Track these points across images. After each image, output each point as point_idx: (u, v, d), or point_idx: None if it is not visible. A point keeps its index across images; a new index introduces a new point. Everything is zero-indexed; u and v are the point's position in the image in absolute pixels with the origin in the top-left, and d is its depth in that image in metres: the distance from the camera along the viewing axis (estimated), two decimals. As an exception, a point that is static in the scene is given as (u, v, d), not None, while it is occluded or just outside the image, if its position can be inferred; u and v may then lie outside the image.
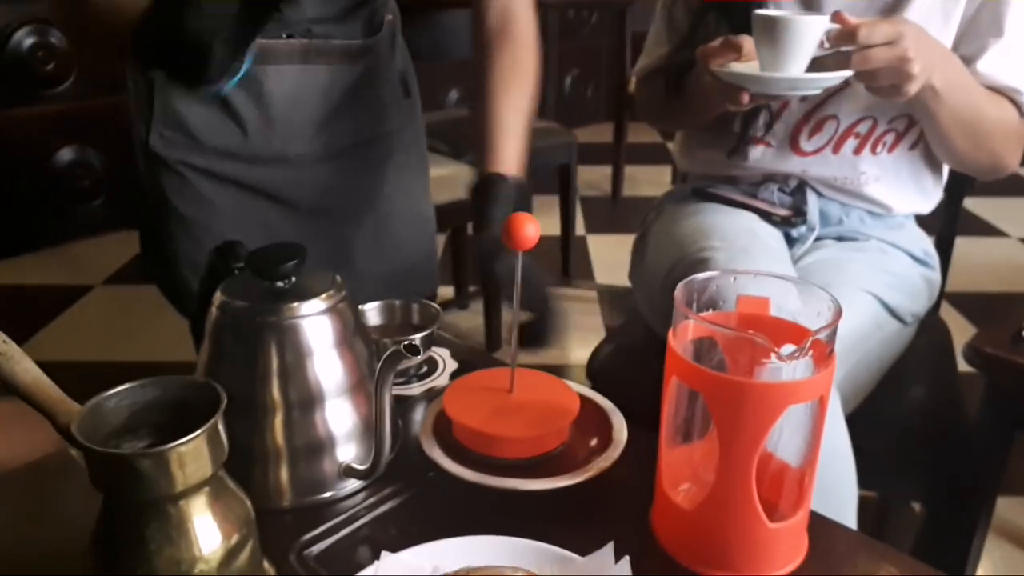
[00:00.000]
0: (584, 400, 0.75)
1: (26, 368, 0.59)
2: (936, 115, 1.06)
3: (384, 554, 0.59)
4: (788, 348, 0.55)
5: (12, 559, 0.66)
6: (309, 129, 1.10)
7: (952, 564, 1.13)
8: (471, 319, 2.49)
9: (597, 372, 1.33)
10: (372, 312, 0.88)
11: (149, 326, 2.31)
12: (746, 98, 1.02)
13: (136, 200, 1.16)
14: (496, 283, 0.85)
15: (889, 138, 1.16)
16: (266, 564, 0.61)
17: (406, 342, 0.60)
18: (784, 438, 0.63)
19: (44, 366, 0.60)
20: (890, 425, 1.20)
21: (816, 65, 0.98)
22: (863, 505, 0.98)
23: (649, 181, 3.56)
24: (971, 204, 1.46)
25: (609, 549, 0.56)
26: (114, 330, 2.44)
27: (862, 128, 1.15)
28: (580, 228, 3.12)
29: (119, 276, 2.80)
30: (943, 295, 1.38)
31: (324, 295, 0.68)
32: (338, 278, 0.70)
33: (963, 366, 1.31)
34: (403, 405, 0.83)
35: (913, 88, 0.96)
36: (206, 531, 0.53)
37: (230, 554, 0.54)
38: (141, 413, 0.55)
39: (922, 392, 1.25)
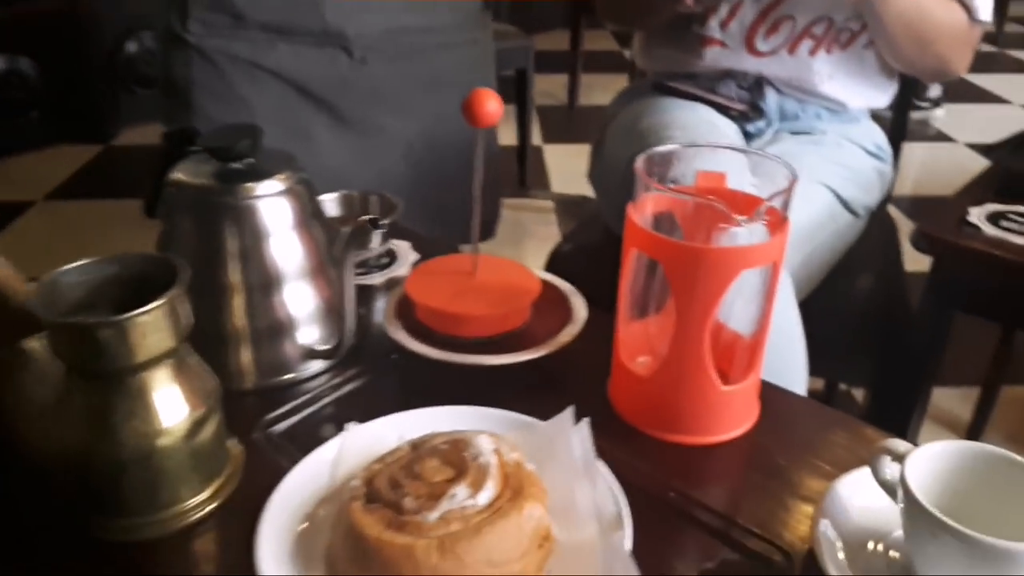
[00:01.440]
0: (545, 284, 0.76)
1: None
2: (882, 17, 1.07)
3: (349, 424, 0.60)
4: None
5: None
6: (370, 4, 1.02)
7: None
8: (429, 229, 2.48)
9: (556, 270, 1.34)
10: (330, 203, 0.87)
11: (98, 241, 2.25)
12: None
13: (75, 115, 1.09)
14: None
15: (844, 37, 1.16)
16: (231, 441, 0.61)
17: (370, 216, 0.60)
18: (737, 308, 0.65)
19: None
20: (839, 313, 1.24)
21: None
22: (808, 394, 1.02)
23: (605, 89, 3.50)
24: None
25: (569, 413, 0.58)
26: (59, 247, 2.38)
27: (818, 29, 1.15)
28: (536, 138, 3.09)
29: (62, 191, 2.71)
30: (891, 194, 1.41)
31: (281, 175, 0.67)
32: (296, 158, 0.69)
33: (908, 265, 1.35)
34: (364, 295, 0.83)
35: None
36: (169, 403, 0.53)
37: (195, 427, 0.55)
38: (100, 288, 0.55)
39: (870, 282, 1.29)
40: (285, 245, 0.67)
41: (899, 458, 0.51)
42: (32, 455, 0.55)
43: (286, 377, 0.69)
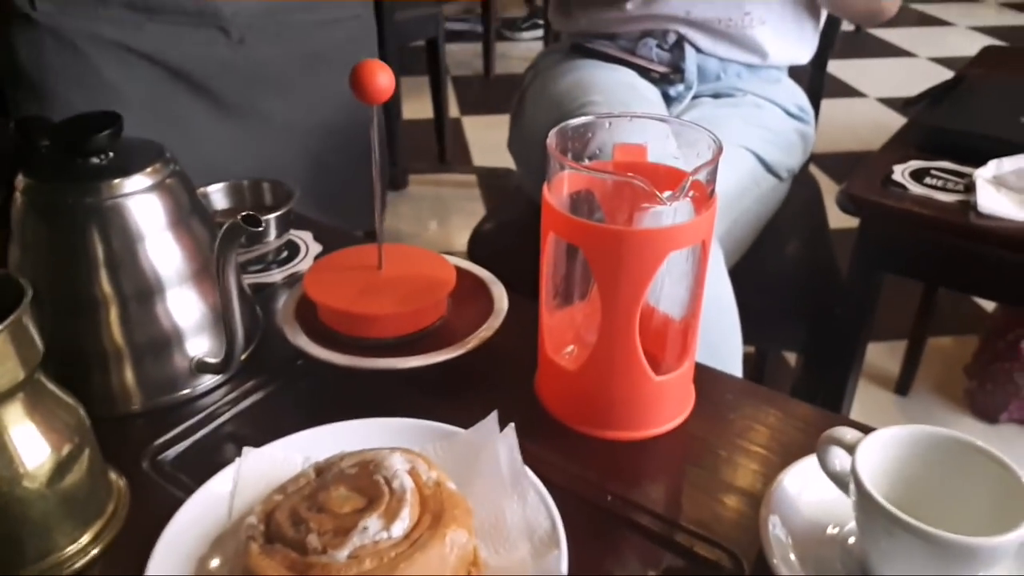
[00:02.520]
0: (461, 272, 0.70)
1: None
2: None
3: (246, 450, 0.53)
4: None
5: None
6: None
7: (828, 407, 1.18)
8: (346, 210, 2.39)
9: (478, 250, 1.29)
10: (217, 194, 0.79)
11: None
12: None
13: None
14: None
15: None
16: (114, 475, 0.54)
17: (244, 214, 0.53)
18: (666, 289, 0.60)
19: None
20: (768, 279, 1.22)
21: None
22: (743, 360, 0.99)
23: (521, 57, 3.45)
24: (831, 66, 1.47)
25: (493, 418, 0.52)
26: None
27: None
28: (454, 110, 3.01)
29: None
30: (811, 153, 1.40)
31: (149, 169, 0.59)
32: (166, 150, 0.61)
33: (832, 223, 1.34)
34: (263, 294, 0.76)
35: None
36: (27, 443, 0.46)
37: (62, 467, 0.47)
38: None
39: (797, 246, 1.27)
40: (161, 248, 0.59)
41: (847, 447, 0.47)
42: None
43: (177, 395, 0.62)
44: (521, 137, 1.25)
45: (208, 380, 0.63)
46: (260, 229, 0.52)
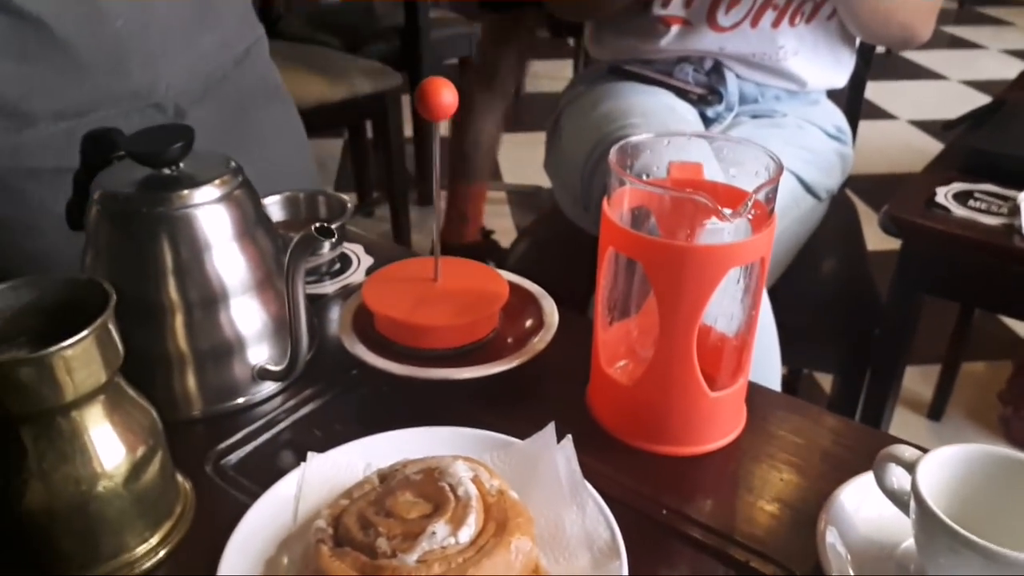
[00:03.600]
0: (513, 286, 0.71)
1: None
2: None
3: (311, 454, 0.54)
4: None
5: None
6: (173, 40, 0.83)
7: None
8: (378, 226, 2.42)
9: (515, 268, 1.30)
10: (274, 206, 0.80)
11: None
12: None
13: None
14: None
15: (807, 8, 1.14)
16: (180, 477, 0.55)
17: (317, 224, 0.54)
18: (723, 307, 0.61)
19: None
20: (805, 299, 1.22)
21: None
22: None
23: (550, 76, 3.47)
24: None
25: (550, 429, 0.53)
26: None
27: (780, 0, 1.12)
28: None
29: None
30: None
31: (218, 180, 0.60)
32: (233, 162, 0.63)
33: (869, 244, 1.34)
34: (316, 304, 0.77)
35: None
36: (106, 444, 0.47)
37: (137, 468, 0.49)
38: (16, 320, 0.48)
39: (834, 266, 1.27)
40: (227, 257, 0.61)
41: (906, 465, 0.48)
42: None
43: (237, 402, 0.63)
44: (558, 158, 1.26)
45: (267, 387, 0.65)
46: (333, 239, 0.53)
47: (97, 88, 0.76)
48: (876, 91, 3.33)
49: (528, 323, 0.68)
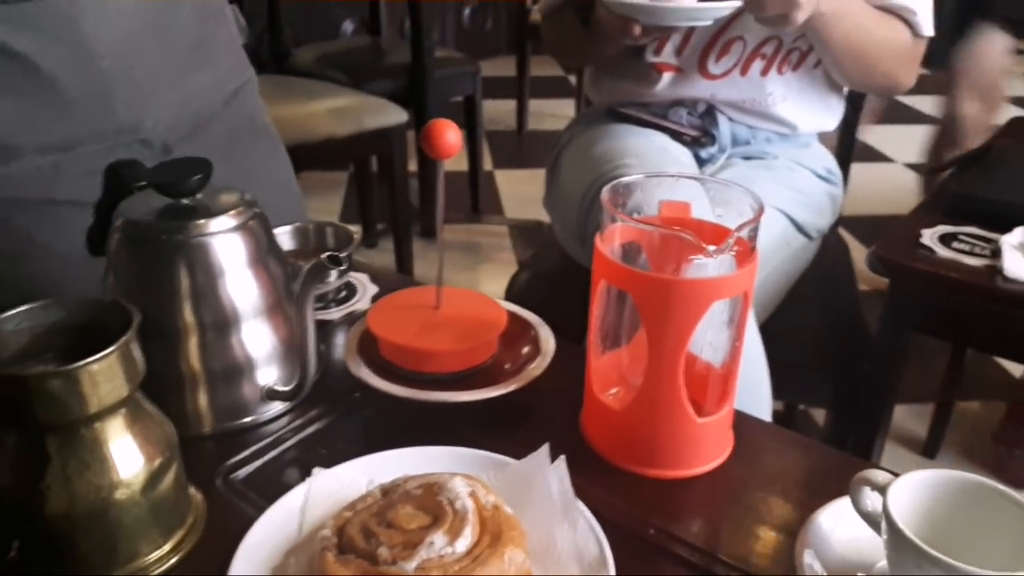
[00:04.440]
0: (511, 315, 0.75)
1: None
2: (827, 41, 1.09)
3: (316, 470, 0.57)
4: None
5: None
6: (161, 80, 0.85)
7: (855, 462, 1.20)
8: (381, 257, 2.45)
9: (515, 298, 1.33)
10: (284, 237, 0.84)
11: None
12: (637, 30, 1.03)
13: None
14: None
15: (794, 57, 1.18)
16: (192, 489, 0.58)
17: (328, 254, 0.58)
18: (709, 338, 0.64)
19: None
20: (797, 335, 1.25)
21: None
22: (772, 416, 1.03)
23: (553, 114, 3.54)
24: (860, 131, 1.52)
25: (545, 450, 0.56)
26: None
27: (768, 49, 1.17)
28: (487, 163, 3.09)
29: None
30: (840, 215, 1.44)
31: (234, 211, 0.64)
32: (247, 195, 0.67)
33: (862, 284, 1.37)
34: (323, 330, 0.80)
35: (800, 16, 0.98)
36: (126, 454, 0.50)
37: (153, 478, 0.52)
38: (45, 337, 0.52)
39: (825, 304, 1.31)
40: (240, 283, 0.64)
41: (879, 488, 0.51)
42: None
43: (245, 420, 0.66)
44: (557, 195, 1.30)
45: (275, 407, 0.68)
46: (344, 268, 0.57)
47: (83, 124, 0.78)
48: (875, 134, 3.39)
49: (526, 350, 0.72)
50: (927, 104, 3.94)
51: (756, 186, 1.15)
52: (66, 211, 0.69)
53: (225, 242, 0.64)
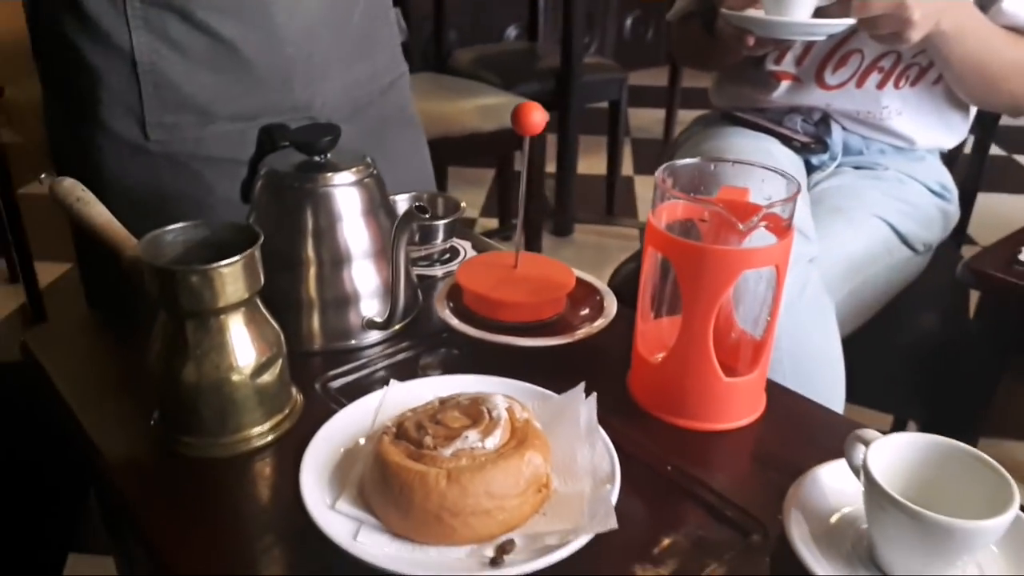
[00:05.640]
0: (584, 283, 0.84)
1: (100, 212, 0.70)
2: (948, 59, 1.10)
3: (392, 382, 0.69)
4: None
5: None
6: (332, 67, 0.99)
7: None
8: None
9: (618, 286, 1.41)
10: (402, 202, 0.97)
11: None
12: (751, 41, 1.08)
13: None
14: None
15: (912, 72, 1.20)
16: (295, 389, 0.72)
17: (417, 204, 0.70)
18: (752, 311, 0.71)
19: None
20: (901, 348, 1.26)
21: (822, 11, 1.04)
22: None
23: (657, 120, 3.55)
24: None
25: (580, 387, 0.65)
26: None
27: (886, 63, 1.19)
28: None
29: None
30: (964, 232, 1.42)
31: (354, 169, 0.77)
32: (369, 158, 0.80)
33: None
34: (426, 283, 0.93)
35: (915, 35, 1.00)
36: (242, 344, 0.64)
37: (261, 367, 0.65)
38: (194, 249, 0.66)
39: (934, 320, 1.30)
40: (354, 228, 0.78)
41: (868, 444, 0.56)
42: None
43: (347, 343, 0.80)
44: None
45: (373, 336, 0.80)
46: (427, 216, 0.69)
47: (267, 99, 0.94)
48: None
49: (589, 311, 0.81)
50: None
51: (862, 194, 1.20)
52: (244, 170, 0.83)
53: (345, 193, 0.77)
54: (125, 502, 0.64)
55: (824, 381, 1.03)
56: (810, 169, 1.27)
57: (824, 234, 1.12)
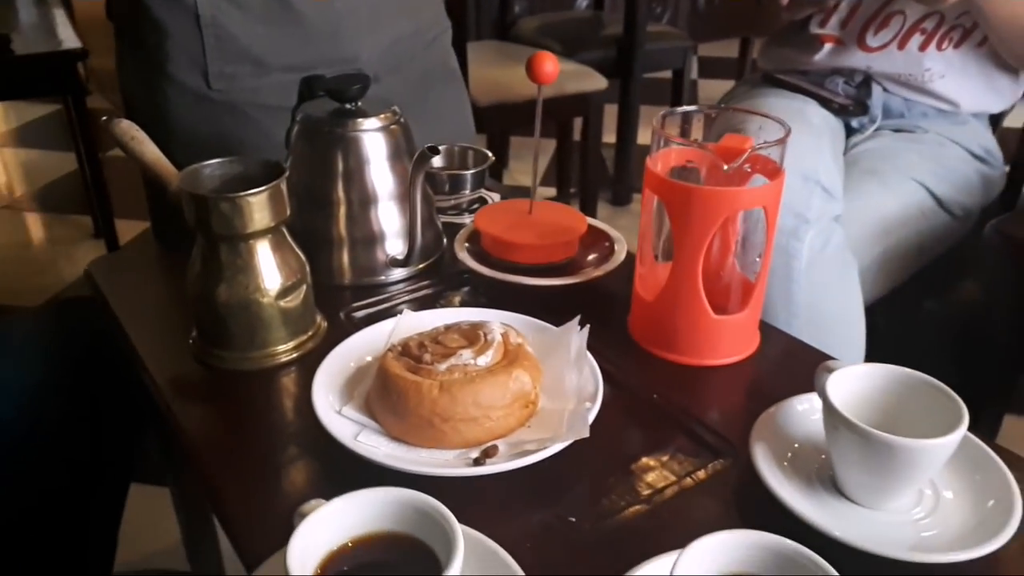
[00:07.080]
0: (597, 230, 0.88)
1: (151, 150, 0.78)
2: (989, 18, 1.09)
3: (405, 310, 0.75)
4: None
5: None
6: (378, 22, 1.03)
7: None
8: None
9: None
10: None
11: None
12: (785, 0, 1.09)
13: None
14: None
15: (956, 34, 1.19)
16: (319, 316, 0.79)
17: (429, 145, 0.75)
18: (748, 255, 0.75)
19: None
20: (932, 314, 1.26)
21: None
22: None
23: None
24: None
25: (575, 321, 0.70)
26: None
27: (928, 24, 1.19)
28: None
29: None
30: (1016, 199, 1.40)
31: (382, 116, 0.83)
32: (396, 107, 0.86)
33: None
34: (454, 229, 0.98)
35: None
36: (268, 268, 0.71)
37: (285, 290, 0.72)
38: (230, 181, 0.73)
39: (971, 288, 1.29)
40: (381, 171, 0.84)
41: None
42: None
43: (373, 279, 0.86)
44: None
45: (397, 273, 0.87)
46: (439, 154, 0.75)
47: (317, 51, 1.01)
48: None
49: (599, 255, 0.85)
50: None
51: (899, 156, 1.21)
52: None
53: (372, 138, 0.83)
54: (167, 407, 0.72)
55: (840, 338, 1.05)
56: (850, 132, 1.27)
57: (857, 194, 1.13)
